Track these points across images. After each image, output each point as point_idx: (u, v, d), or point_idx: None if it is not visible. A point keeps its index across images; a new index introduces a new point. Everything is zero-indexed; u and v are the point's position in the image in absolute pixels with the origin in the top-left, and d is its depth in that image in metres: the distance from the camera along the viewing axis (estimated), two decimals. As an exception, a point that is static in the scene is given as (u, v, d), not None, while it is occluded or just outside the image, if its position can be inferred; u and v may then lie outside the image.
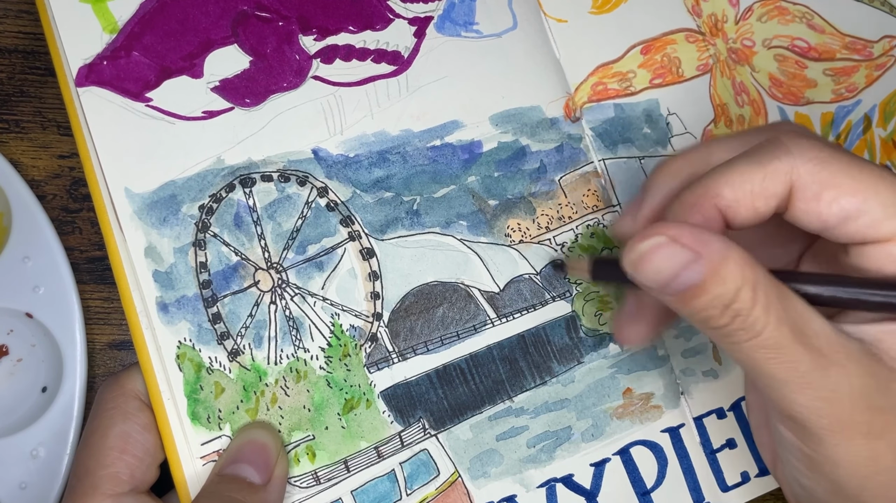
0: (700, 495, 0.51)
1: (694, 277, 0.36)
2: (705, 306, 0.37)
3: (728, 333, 0.37)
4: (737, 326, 0.36)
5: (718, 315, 0.36)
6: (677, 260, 0.36)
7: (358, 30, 0.50)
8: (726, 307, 0.36)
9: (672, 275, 0.37)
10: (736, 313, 0.36)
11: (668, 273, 0.37)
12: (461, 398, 0.49)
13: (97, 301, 0.53)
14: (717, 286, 0.36)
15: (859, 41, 0.58)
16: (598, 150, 0.53)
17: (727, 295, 0.36)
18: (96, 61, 0.46)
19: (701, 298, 0.36)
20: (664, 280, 0.37)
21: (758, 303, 0.36)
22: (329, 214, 0.48)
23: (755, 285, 0.36)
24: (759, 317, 0.36)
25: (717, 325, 0.37)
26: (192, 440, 0.45)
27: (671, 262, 0.37)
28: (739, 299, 0.36)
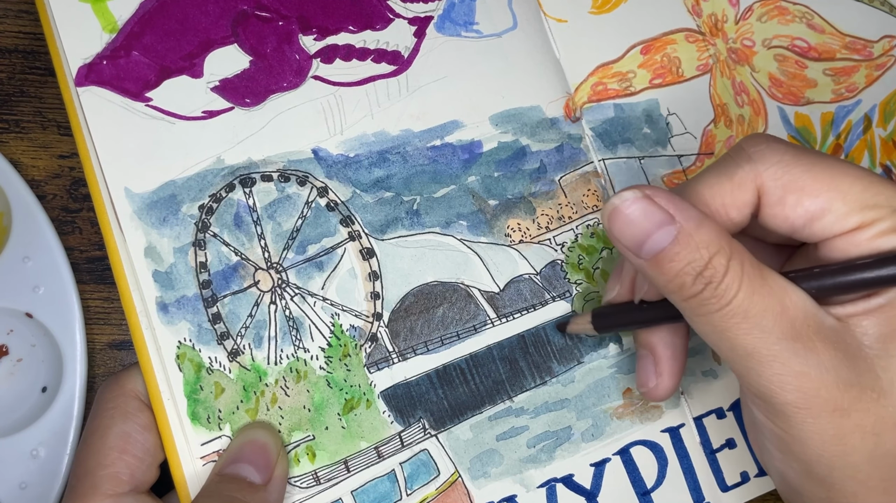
0: (700, 495, 0.51)
1: (666, 238, 0.37)
2: (678, 271, 0.37)
3: (700, 302, 0.37)
4: (708, 294, 0.37)
5: (691, 283, 0.37)
6: (651, 218, 0.37)
7: (358, 29, 0.50)
8: (699, 274, 0.37)
9: (644, 233, 0.38)
10: (708, 280, 0.37)
11: (640, 230, 0.38)
12: (461, 398, 0.49)
13: (97, 301, 0.53)
14: (690, 251, 0.37)
15: (859, 41, 0.58)
16: (598, 150, 0.53)
17: (700, 261, 0.37)
18: (96, 61, 0.46)
19: (674, 262, 0.37)
20: (637, 237, 0.38)
21: (730, 272, 0.36)
22: (329, 214, 0.48)
23: (730, 254, 0.37)
24: (730, 286, 0.36)
25: (689, 294, 0.37)
26: (192, 440, 0.45)
27: (644, 220, 0.38)
28: (712, 265, 0.36)
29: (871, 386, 0.37)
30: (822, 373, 0.36)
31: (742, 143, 0.40)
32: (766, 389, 0.37)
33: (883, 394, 0.37)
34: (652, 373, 0.46)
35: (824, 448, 0.37)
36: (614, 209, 0.38)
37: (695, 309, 0.38)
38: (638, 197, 0.38)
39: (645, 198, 0.38)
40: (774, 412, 0.38)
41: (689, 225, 0.37)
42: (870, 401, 0.37)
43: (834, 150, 0.57)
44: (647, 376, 0.46)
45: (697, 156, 0.55)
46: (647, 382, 0.46)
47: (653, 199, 0.38)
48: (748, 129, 0.56)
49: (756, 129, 0.56)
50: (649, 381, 0.46)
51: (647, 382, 0.46)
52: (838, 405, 0.37)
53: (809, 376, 0.36)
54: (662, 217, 0.37)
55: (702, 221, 0.37)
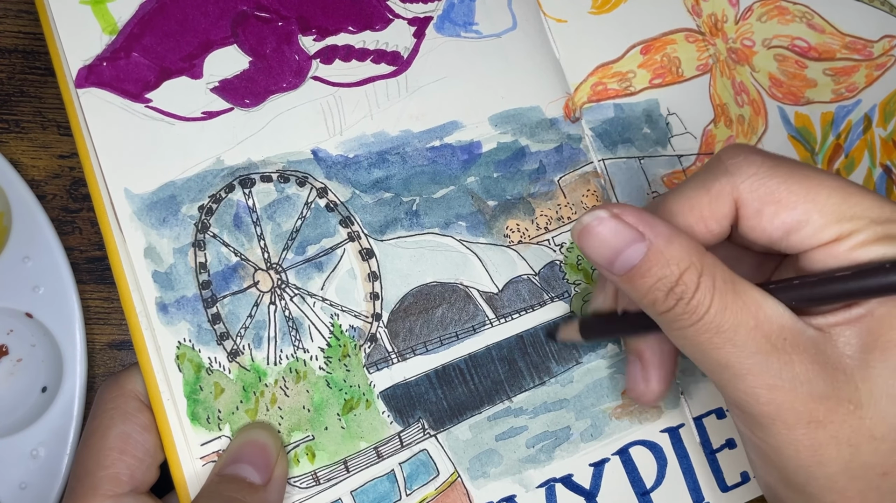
0: (700, 495, 0.51)
1: (635, 256, 0.37)
2: (649, 288, 0.37)
3: (673, 318, 0.37)
4: (680, 310, 0.37)
5: (663, 298, 0.37)
6: (620, 237, 0.38)
7: (357, 30, 0.50)
8: (670, 290, 0.37)
9: (614, 251, 0.38)
10: (679, 296, 0.37)
11: (609, 249, 0.38)
12: (460, 398, 0.49)
13: (97, 301, 0.53)
14: (660, 267, 0.37)
15: (859, 41, 0.58)
16: (598, 151, 0.53)
17: (671, 277, 0.37)
18: (96, 62, 0.46)
19: (645, 279, 0.37)
20: (607, 256, 0.38)
21: (701, 287, 0.37)
22: (328, 215, 0.48)
23: (701, 270, 0.37)
24: (701, 301, 0.36)
25: (662, 309, 0.38)
26: (191, 440, 0.45)
27: (613, 239, 0.38)
28: (682, 282, 0.37)
29: (847, 397, 0.37)
30: (797, 386, 0.36)
31: (720, 155, 0.40)
32: (741, 401, 0.38)
33: (860, 406, 0.37)
34: (640, 379, 0.47)
35: (800, 458, 0.38)
36: (584, 228, 0.39)
37: (669, 323, 0.38)
38: (606, 216, 0.38)
39: (613, 216, 0.38)
40: (751, 422, 0.38)
41: (659, 241, 0.37)
42: (846, 413, 0.37)
43: (834, 150, 0.57)
44: (636, 381, 0.47)
45: (697, 156, 0.55)
46: (636, 387, 0.47)
47: (621, 218, 0.38)
48: (748, 129, 0.56)
49: (756, 128, 0.56)
50: (638, 386, 0.47)
51: (636, 387, 0.47)
52: (813, 417, 0.37)
53: (783, 389, 0.36)
54: (632, 235, 0.38)
55: (672, 237, 0.37)
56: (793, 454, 0.38)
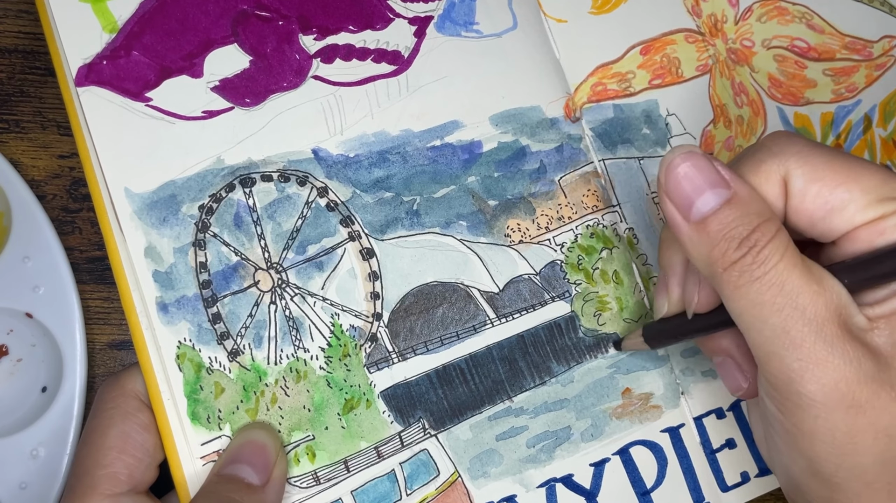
0: (700, 495, 0.51)
1: (717, 199, 0.38)
2: (724, 235, 0.37)
3: (739, 270, 0.37)
4: (749, 260, 0.37)
5: (735, 247, 0.37)
6: (706, 176, 0.38)
7: (358, 29, 0.50)
8: (745, 237, 0.37)
9: (697, 190, 0.38)
10: (753, 244, 0.37)
11: (694, 187, 0.38)
12: (461, 398, 0.49)
13: (97, 301, 0.53)
14: (741, 214, 0.37)
15: (859, 41, 0.58)
16: (598, 151, 0.53)
17: (749, 225, 0.37)
18: (96, 61, 0.46)
19: (722, 224, 0.37)
20: (688, 194, 0.38)
21: (776, 240, 0.37)
22: (329, 214, 0.48)
23: (778, 225, 0.37)
24: (773, 253, 0.36)
25: (730, 260, 0.37)
26: (191, 440, 0.45)
27: (699, 177, 0.38)
28: (759, 230, 0.37)
29: (891, 383, 0.36)
30: (845, 365, 0.36)
31: (762, 141, 0.40)
32: (785, 377, 0.37)
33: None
34: (739, 375, 0.45)
35: (834, 445, 0.37)
36: (671, 163, 0.39)
37: (733, 279, 0.37)
38: (697, 154, 0.39)
39: (703, 156, 0.38)
40: (788, 404, 0.38)
41: (744, 190, 0.38)
42: (888, 401, 0.36)
43: (834, 151, 0.57)
44: (736, 381, 0.45)
45: (697, 156, 0.55)
46: (739, 386, 0.45)
47: (712, 161, 0.38)
48: (747, 130, 0.56)
49: (755, 129, 0.56)
50: (741, 384, 0.45)
51: (739, 386, 0.45)
52: (855, 401, 0.36)
53: (832, 365, 0.36)
54: (717, 178, 0.38)
55: (755, 192, 0.38)
56: (828, 439, 0.37)
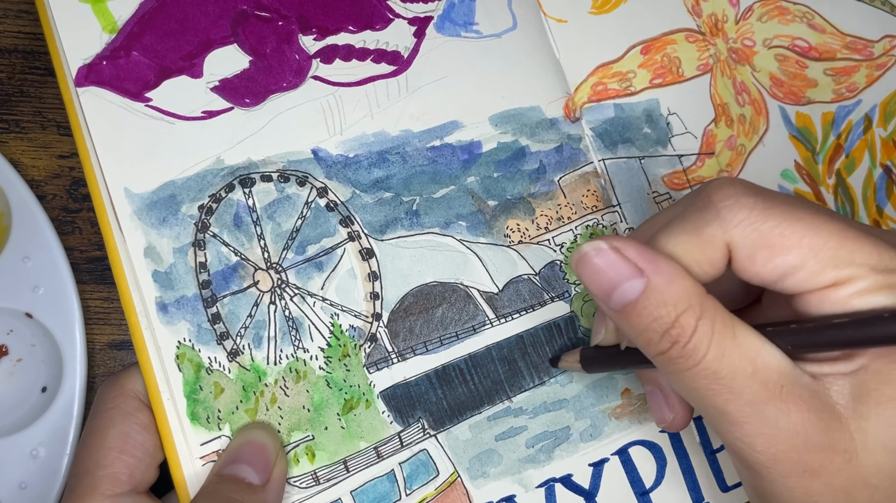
0: (699, 495, 0.51)
1: (632, 293, 0.36)
2: (645, 327, 0.37)
3: (668, 360, 0.37)
4: (675, 353, 0.36)
5: (657, 339, 0.36)
6: (617, 271, 0.37)
7: (358, 30, 0.50)
8: (665, 332, 0.36)
9: (611, 284, 0.37)
10: (675, 339, 0.36)
11: (606, 281, 0.37)
12: (460, 398, 0.49)
13: (97, 301, 0.53)
14: (656, 307, 0.36)
15: (860, 41, 0.58)
16: (598, 151, 0.53)
17: (667, 318, 0.36)
18: (96, 61, 0.46)
19: (641, 317, 0.36)
20: (603, 288, 0.37)
21: (699, 331, 0.36)
22: (329, 214, 0.48)
23: (699, 313, 0.36)
24: (698, 346, 0.36)
25: (657, 350, 0.37)
26: (191, 440, 0.45)
27: (611, 271, 0.37)
28: (679, 324, 0.36)
29: (843, 447, 0.36)
30: (792, 437, 0.36)
31: (710, 195, 0.38)
32: (738, 448, 0.37)
33: (855, 455, 0.36)
34: (665, 408, 0.46)
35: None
36: (581, 257, 0.38)
37: (665, 365, 0.37)
38: (605, 248, 0.37)
39: (613, 249, 0.37)
40: (746, 468, 0.38)
41: (658, 280, 0.36)
42: (841, 463, 0.36)
43: (834, 150, 0.57)
44: (662, 412, 0.46)
45: (698, 155, 0.55)
46: (664, 417, 0.46)
47: (621, 251, 0.37)
48: (749, 129, 0.56)
49: (757, 128, 0.56)
50: (666, 416, 0.46)
51: (664, 417, 0.46)
52: (808, 466, 0.36)
53: (779, 439, 0.36)
54: (629, 270, 0.36)
55: (673, 276, 0.36)
56: (788, 500, 0.37)
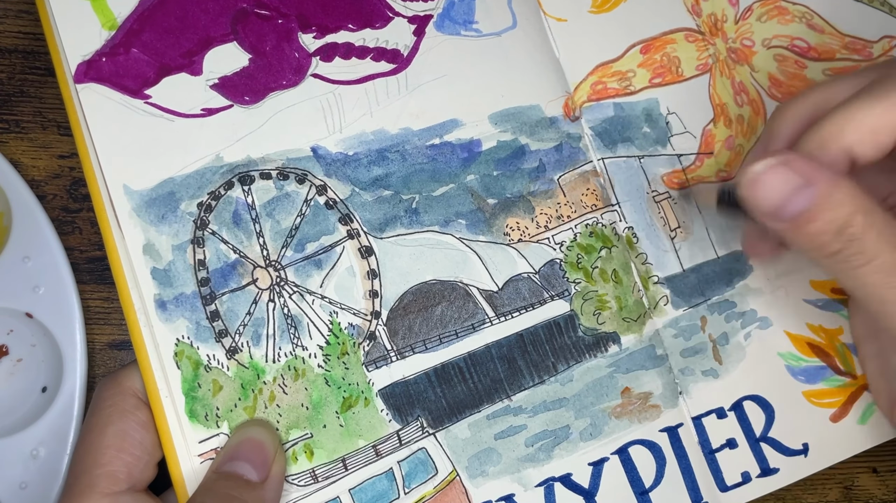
0: (698, 495, 0.51)
1: (804, 202, 0.39)
2: (819, 231, 0.39)
3: (843, 259, 0.39)
4: (852, 251, 0.39)
5: (831, 240, 0.39)
6: (789, 183, 0.39)
7: (357, 28, 0.50)
8: (840, 232, 0.39)
9: (784, 197, 0.39)
10: (850, 237, 0.38)
11: (780, 194, 0.39)
12: (459, 397, 0.49)
13: (97, 301, 0.53)
14: (830, 210, 0.39)
15: (859, 41, 0.58)
16: (598, 150, 0.53)
17: (840, 219, 0.38)
18: (95, 58, 0.46)
19: (815, 223, 0.39)
20: (777, 202, 0.40)
21: (872, 228, 0.38)
22: (328, 212, 0.48)
23: (868, 211, 0.38)
24: (873, 242, 0.38)
25: (831, 251, 0.39)
26: (189, 437, 0.45)
27: (783, 185, 0.39)
28: (853, 223, 0.38)
29: None
30: None
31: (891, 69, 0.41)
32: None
33: None
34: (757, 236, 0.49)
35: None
36: (754, 177, 0.40)
37: (838, 265, 0.40)
38: (775, 164, 0.40)
39: (782, 164, 0.39)
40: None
41: (827, 186, 0.39)
42: None
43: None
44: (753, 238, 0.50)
45: (697, 155, 0.55)
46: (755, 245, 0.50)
47: (790, 165, 0.39)
48: (747, 129, 0.56)
49: (756, 128, 0.56)
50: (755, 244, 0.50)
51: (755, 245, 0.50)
52: None
53: None
54: (800, 181, 0.39)
55: (838, 182, 0.39)
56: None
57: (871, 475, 0.58)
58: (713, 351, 0.53)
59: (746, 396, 0.53)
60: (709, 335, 0.53)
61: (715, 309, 0.54)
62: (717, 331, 0.53)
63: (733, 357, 0.53)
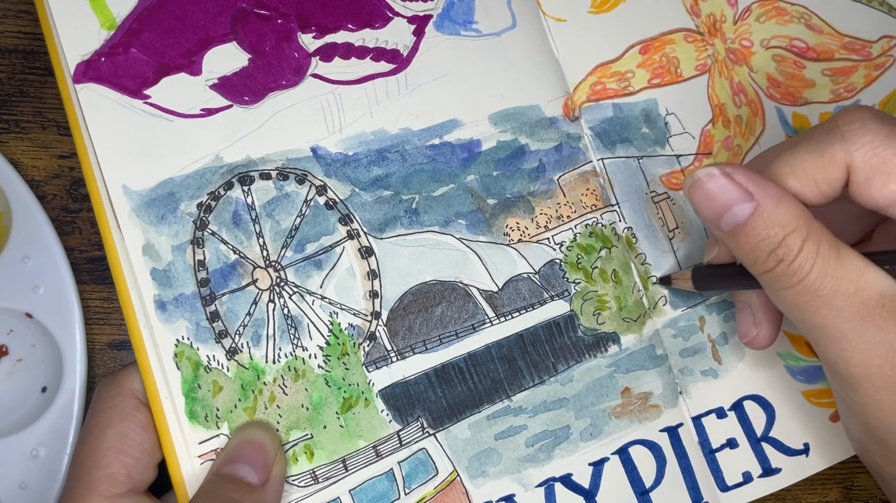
0: (699, 495, 0.51)
1: (742, 215, 0.39)
2: (752, 247, 0.39)
3: (773, 278, 0.39)
4: (780, 271, 0.39)
5: (764, 258, 0.39)
6: (728, 194, 0.39)
7: (357, 28, 0.50)
8: (772, 251, 0.39)
9: (721, 207, 0.40)
10: (780, 258, 0.39)
11: (717, 205, 0.40)
12: (460, 397, 0.49)
13: (97, 301, 0.53)
14: (764, 228, 0.39)
15: (858, 41, 0.58)
16: (597, 150, 0.53)
17: (774, 238, 0.39)
18: (94, 58, 0.46)
19: (749, 238, 0.39)
20: (714, 211, 0.40)
21: (804, 251, 0.38)
22: (328, 213, 0.48)
23: (805, 234, 0.38)
24: (802, 265, 0.38)
25: (763, 269, 0.40)
26: (189, 439, 0.45)
27: (722, 195, 0.40)
28: (785, 244, 0.38)
29: None
30: (888, 352, 0.38)
31: (837, 119, 0.41)
32: (833, 362, 0.40)
33: None
34: (751, 324, 0.48)
35: (883, 417, 0.40)
36: (694, 182, 0.41)
37: (769, 283, 0.40)
38: (717, 173, 0.40)
39: (724, 174, 0.40)
40: (841, 381, 0.40)
41: (767, 203, 0.39)
42: None
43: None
44: (747, 327, 0.48)
45: (696, 155, 0.55)
46: (748, 332, 0.48)
47: (732, 177, 0.39)
48: (746, 130, 0.56)
49: (754, 129, 0.56)
50: (749, 332, 0.48)
51: (748, 332, 0.48)
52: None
53: (874, 353, 0.38)
54: (740, 194, 0.39)
55: (780, 200, 0.39)
56: (877, 412, 0.40)
57: (872, 475, 0.58)
58: (712, 351, 0.53)
59: (746, 396, 0.53)
60: (707, 335, 0.53)
61: (713, 309, 0.54)
62: (716, 332, 0.54)
63: (732, 357, 0.53)
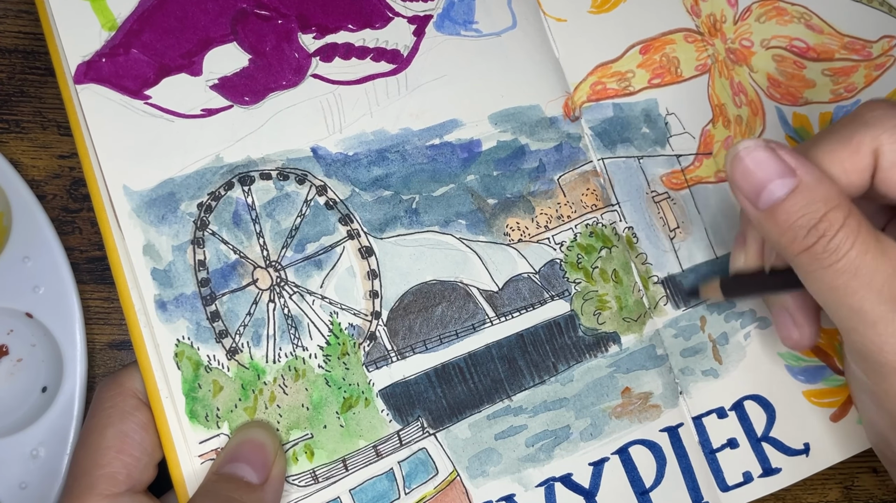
0: (699, 495, 0.51)
1: (783, 189, 0.39)
2: (792, 223, 0.39)
3: (812, 256, 0.38)
4: (820, 248, 0.38)
5: (804, 235, 0.38)
6: (770, 167, 0.39)
7: (357, 28, 0.50)
8: (813, 227, 0.38)
9: (763, 181, 0.39)
10: (822, 233, 0.38)
11: (760, 178, 0.39)
12: (460, 397, 0.49)
13: (97, 301, 0.53)
14: (807, 203, 0.38)
15: (858, 41, 0.58)
16: (598, 150, 0.53)
17: (816, 213, 0.38)
18: (95, 58, 0.46)
19: (789, 213, 0.38)
20: (754, 185, 0.39)
21: (845, 228, 0.38)
22: (328, 213, 0.48)
23: (847, 211, 0.38)
24: (843, 241, 0.38)
25: (801, 247, 0.39)
26: (190, 438, 0.45)
27: (764, 168, 0.39)
28: (827, 219, 0.38)
29: None
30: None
31: (859, 110, 0.41)
32: (866, 349, 0.39)
33: None
34: (791, 327, 0.48)
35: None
36: (736, 156, 0.40)
37: (806, 264, 0.39)
38: (760, 146, 0.39)
39: (767, 148, 0.39)
40: (871, 369, 0.40)
41: (810, 178, 0.38)
42: None
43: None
44: (788, 331, 0.48)
45: (696, 155, 0.55)
46: (790, 336, 0.48)
47: (775, 150, 0.39)
48: (746, 130, 0.56)
49: (754, 129, 0.56)
50: (791, 335, 0.48)
51: (790, 336, 0.48)
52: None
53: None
54: (782, 168, 0.39)
55: (822, 178, 0.39)
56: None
57: (871, 475, 0.58)
58: (713, 350, 0.53)
59: (747, 396, 0.53)
60: (708, 335, 0.53)
61: (714, 309, 0.54)
62: (717, 331, 0.54)
63: (733, 357, 0.53)
